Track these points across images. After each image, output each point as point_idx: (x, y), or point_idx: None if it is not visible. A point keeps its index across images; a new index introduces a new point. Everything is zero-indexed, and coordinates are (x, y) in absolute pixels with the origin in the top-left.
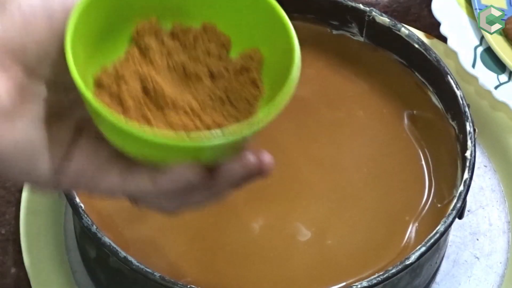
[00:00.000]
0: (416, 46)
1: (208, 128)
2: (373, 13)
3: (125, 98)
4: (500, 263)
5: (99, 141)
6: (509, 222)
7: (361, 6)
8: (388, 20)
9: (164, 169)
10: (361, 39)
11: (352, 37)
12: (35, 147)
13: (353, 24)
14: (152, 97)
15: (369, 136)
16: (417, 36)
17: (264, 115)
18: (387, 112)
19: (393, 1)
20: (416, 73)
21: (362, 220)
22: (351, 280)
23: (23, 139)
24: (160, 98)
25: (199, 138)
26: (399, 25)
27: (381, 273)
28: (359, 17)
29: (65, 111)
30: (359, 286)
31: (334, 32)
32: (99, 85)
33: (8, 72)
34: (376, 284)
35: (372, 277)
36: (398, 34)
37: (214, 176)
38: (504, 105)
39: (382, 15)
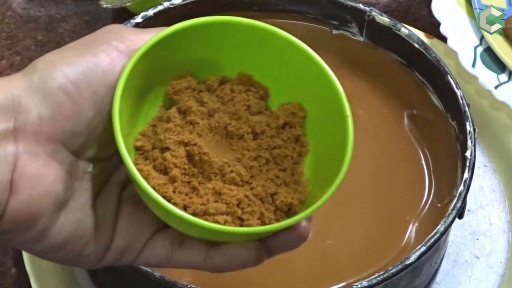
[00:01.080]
0: (416, 46)
1: (260, 198)
2: (373, 13)
3: (170, 167)
4: (500, 263)
5: (142, 207)
6: (509, 222)
7: (361, 6)
8: (388, 20)
9: (218, 246)
10: (361, 39)
11: (352, 37)
12: (87, 230)
13: (353, 24)
14: (198, 164)
15: (369, 136)
16: (417, 36)
17: (322, 199)
18: (387, 112)
19: (393, 1)
20: (416, 73)
21: (362, 220)
22: (351, 280)
23: (76, 225)
24: (206, 166)
25: (258, 227)
26: (399, 25)
27: (381, 273)
28: (359, 17)
29: (107, 178)
30: (359, 286)
31: (334, 32)
32: (140, 151)
33: (58, 158)
34: (376, 284)
35: (372, 277)
36: (398, 34)
37: (269, 250)
38: (504, 105)
39: (382, 15)
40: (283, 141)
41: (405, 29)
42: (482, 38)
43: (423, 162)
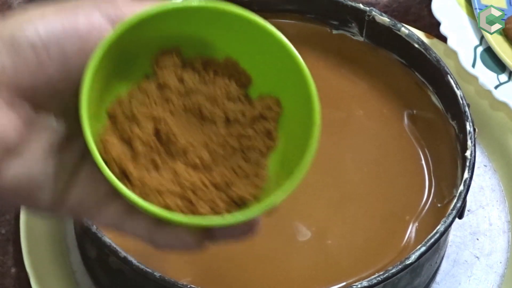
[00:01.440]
0: (416, 46)
1: (216, 186)
2: (373, 13)
3: (135, 141)
4: (500, 263)
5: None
6: (509, 221)
7: (361, 6)
8: (388, 20)
9: (165, 225)
10: (361, 39)
11: (352, 37)
12: (38, 181)
13: (353, 24)
14: (164, 142)
15: (369, 136)
16: (417, 36)
17: (278, 195)
18: (387, 112)
19: (393, 1)
20: (416, 73)
21: (362, 220)
22: (351, 280)
23: (27, 175)
24: (171, 145)
25: (208, 219)
26: (399, 25)
27: (381, 273)
28: (359, 17)
29: (73, 135)
30: (359, 286)
31: (334, 32)
32: (112, 118)
33: (16, 108)
34: (376, 284)
35: (372, 277)
36: (398, 34)
37: (213, 236)
38: (504, 105)
39: (382, 15)
40: (254, 132)
41: (405, 29)
42: (482, 38)
43: (423, 162)
